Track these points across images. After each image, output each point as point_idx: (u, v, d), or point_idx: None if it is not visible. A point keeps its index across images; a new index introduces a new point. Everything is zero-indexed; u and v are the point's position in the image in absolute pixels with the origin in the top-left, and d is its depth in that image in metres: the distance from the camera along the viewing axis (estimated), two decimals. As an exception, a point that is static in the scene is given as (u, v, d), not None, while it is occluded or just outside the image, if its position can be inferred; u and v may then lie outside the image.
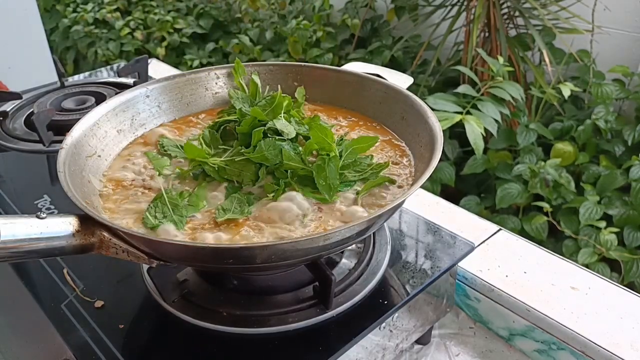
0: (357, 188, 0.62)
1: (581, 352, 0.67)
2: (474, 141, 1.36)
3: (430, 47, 2.34)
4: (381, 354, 0.65)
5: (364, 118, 0.76)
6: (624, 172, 1.75)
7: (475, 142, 1.37)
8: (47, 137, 0.90)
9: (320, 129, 0.62)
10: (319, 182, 0.60)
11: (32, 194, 0.83)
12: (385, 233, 0.71)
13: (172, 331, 0.59)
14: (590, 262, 1.59)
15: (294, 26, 2.71)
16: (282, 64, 0.81)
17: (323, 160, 0.60)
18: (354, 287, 0.62)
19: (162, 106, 0.77)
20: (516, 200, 1.80)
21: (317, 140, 0.62)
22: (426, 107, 0.66)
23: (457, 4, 2.17)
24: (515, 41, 2.09)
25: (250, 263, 0.52)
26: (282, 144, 0.61)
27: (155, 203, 0.59)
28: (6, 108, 1.04)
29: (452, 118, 1.37)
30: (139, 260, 0.53)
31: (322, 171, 0.60)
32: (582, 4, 1.97)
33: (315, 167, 0.60)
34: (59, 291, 0.65)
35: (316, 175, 0.60)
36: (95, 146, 0.67)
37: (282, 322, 0.58)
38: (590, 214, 1.67)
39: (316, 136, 0.62)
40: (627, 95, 1.93)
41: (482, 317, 0.78)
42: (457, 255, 0.69)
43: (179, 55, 3.21)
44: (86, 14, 3.39)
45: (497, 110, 1.47)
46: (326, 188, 0.60)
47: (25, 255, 0.49)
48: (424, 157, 0.63)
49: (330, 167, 0.60)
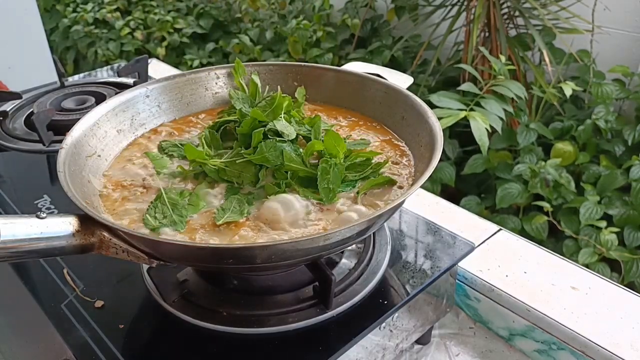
0: (357, 188, 0.62)
1: (581, 352, 0.67)
2: (479, 137, 1.36)
3: (431, 47, 2.34)
4: (381, 354, 0.65)
5: (364, 118, 0.76)
6: (624, 172, 1.75)
7: (480, 139, 1.36)
8: (47, 137, 0.90)
9: (334, 137, 0.62)
10: (322, 185, 0.60)
11: (32, 194, 0.83)
12: (385, 233, 0.71)
13: (172, 331, 0.59)
14: (591, 262, 1.59)
15: (294, 26, 2.71)
16: (282, 64, 0.81)
17: (328, 163, 0.60)
18: (354, 287, 0.62)
19: (162, 106, 0.77)
20: (516, 200, 1.80)
21: (328, 146, 0.62)
22: (426, 107, 0.66)
23: (457, 4, 2.17)
24: (515, 41, 2.09)
25: (250, 263, 0.52)
26: (283, 146, 0.61)
27: (155, 203, 0.59)
28: (6, 108, 1.04)
29: (457, 115, 1.36)
30: (139, 260, 0.53)
31: (326, 174, 0.60)
32: (582, 4, 1.97)
33: (320, 169, 0.60)
34: (59, 291, 0.65)
35: (320, 178, 0.60)
36: (95, 146, 0.67)
37: (282, 322, 0.58)
38: (591, 214, 1.67)
39: (329, 142, 0.62)
40: (627, 95, 1.93)
41: (482, 317, 0.78)
42: (457, 255, 0.69)
43: (179, 55, 3.21)
44: (86, 14, 3.39)
45: (500, 107, 1.46)
46: (326, 191, 0.60)
47: (25, 255, 0.49)
48: (424, 157, 0.63)
49: (335, 172, 0.60)
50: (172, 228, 0.57)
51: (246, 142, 0.64)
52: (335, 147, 0.62)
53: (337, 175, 0.60)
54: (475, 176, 2.00)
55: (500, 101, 1.49)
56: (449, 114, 1.37)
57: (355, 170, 0.63)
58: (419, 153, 0.66)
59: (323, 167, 0.60)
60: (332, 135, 0.62)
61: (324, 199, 0.60)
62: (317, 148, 0.63)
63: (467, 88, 1.50)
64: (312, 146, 0.62)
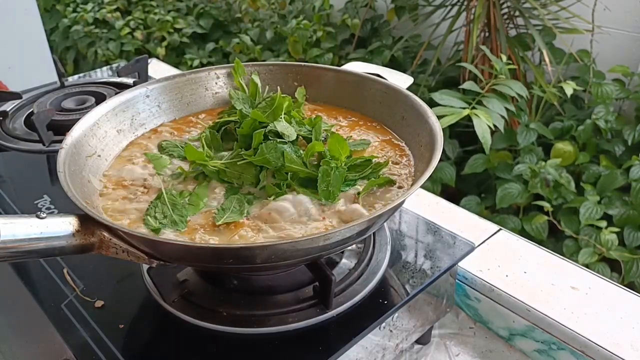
0: (358, 187, 0.62)
1: (581, 352, 0.67)
2: (482, 136, 1.35)
3: (431, 47, 2.34)
4: (381, 354, 0.65)
5: (364, 118, 0.76)
6: (624, 172, 1.75)
7: (483, 137, 1.35)
8: (47, 137, 0.90)
9: (339, 140, 0.62)
10: (321, 187, 0.60)
11: (32, 194, 0.83)
12: (385, 233, 0.71)
13: (172, 331, 0.59)
14: (591, 262, 1.59)
15: (294, 26, 2.71)
16: (282, 64, 0.81)
17: (329, 166, 0.60)
18: (354, 287, 0.62)
19: (162, 106, 0.77)
20: (516, 200, 1.80)
21: (331, 149, 0.62)
22: (426, 107, 0.66)
23: (457, 3, 2.17)
24: (515, 41, 2.09)
25: (250, 263, 0.52)
26: (284, 147, 0.61)
27: (155, 203, 0.59)
28: (6, 108, 1.04)
29: (459, 113, 1.36)
30: (139, 260, 0.53)
31: (327, 176, 0.60)
32: (582, 4, 1.97)
33: (321, 171, 0.60)
34: (59, 291, 0.65)
35: (320, 180, 0.60)
36: (95, 146, 0.67)
37: (282, 322, 0.58)
38: (591, 214, 1.67)
39: (333, 145, 0.62)
40: (627, 95, 1.93)
41: (482, 317, 0.78)
42: (457, 255, 0.69)
43: (179, 55, 3.21)
44: (86, 14, 3.39)
45: (502, 106, 1.46)
46: (326, 193, 0.60)
47: (25, 255, 0.49)
48: (424, 157, 0.63)
49: (336, 174, 0.60)
50: (172, 228, 0.57)
51: (246, 143, 0.64)
52: (339, 150, 0.62)
53: (338, 178, 0.60)
54: (475, 176, 2.00)
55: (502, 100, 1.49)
56: (452, 112, 1.36)
57: (355, 170, 0.63)
58: (419, 153, 0.66)
59: (324, 169, 0.60)
60: (336, 138, 0.62)
61: (323, 200, 0.60)
62: (318, 149, 0.63)
63: (468, 86, 1.50)
64: (312, 147, 0.62)
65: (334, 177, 0.60)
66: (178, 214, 0.58)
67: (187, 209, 0.59)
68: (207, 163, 0.63)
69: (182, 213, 0.58)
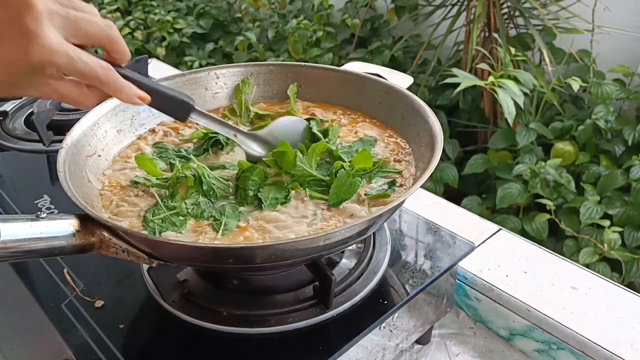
0: (361, 183, 0.62)
1: (581, 352, 0.67)
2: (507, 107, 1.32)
3: (431, 47, 2.34)
4: (381, 354, 0.64)
5: (363, 117, 0.76)
6: (624, 172, 1.74)
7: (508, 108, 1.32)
8: (47, 136, 0.90)
9: (366, 157, 0.63)
10: (333, 191, 0.60)
11: (32, 194, 0.83)
12: (385, 233, 0.71)
13: (172, 331, 0.59)
14: (591, 262, 1.59)
15: (294, 26, 2.71)
16: (282, 64, 0.81)
17: (348, 174, 0.61)
18: (354, 287, 0.62)
19: (162, 106, 0.76)
20: (516, 200, 1.79)
21: (357, 162, 0.62)
22: (426, 107, 0.66)
23: (457, 3, 2.17)
24: (515, 41, 2.09)
25: (250, 263, 0.52)
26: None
27: (155, 204, 0.60)
28: (6, 108, 1.04)
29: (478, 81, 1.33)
30: (139, 260, 0.53)
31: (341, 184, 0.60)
32: (582, 4, 1.97)
33: (340, 176, 0.60)
34: (59, 291, 0.65)
35: (335, 185, 0.60)
36: (95, 146, 0.67)
37: (282, 322, 0.58)
38: (591, 214, 1.67)
39: (359, 158, 0.62)
40: (628, 95, 1.93)
41: (482, 317, 0.78)
42: (457, 255, 0.69)
43: (179, 55, 3.21)
44: (86, 14, 3.39)
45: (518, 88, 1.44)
46: (334, 197, 0.60)
47: (25, 255, 0.49)
48: (424, 156, 0.63)
49: (350, 183, 0.60)
50: (172, 230, 0.57)
51: None
52: (362, 164, 0.62)
53: (350, 190, 0.60)
54: (475, 176, 2.00)
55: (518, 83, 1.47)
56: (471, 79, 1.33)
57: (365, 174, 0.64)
58: (419, 153, 0.66)
59: (342, 174, 0.60)
60: (364, 154, 0.63)
61: (330, 202, 0.60)
62: (322, 149, 0.63)
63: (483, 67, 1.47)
64: (316, 147, 0.63)
65: (347, 187, 0.60)
66: (177, 217, 0.58)
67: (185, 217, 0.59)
68: (156, 175, 0.63)
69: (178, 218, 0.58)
